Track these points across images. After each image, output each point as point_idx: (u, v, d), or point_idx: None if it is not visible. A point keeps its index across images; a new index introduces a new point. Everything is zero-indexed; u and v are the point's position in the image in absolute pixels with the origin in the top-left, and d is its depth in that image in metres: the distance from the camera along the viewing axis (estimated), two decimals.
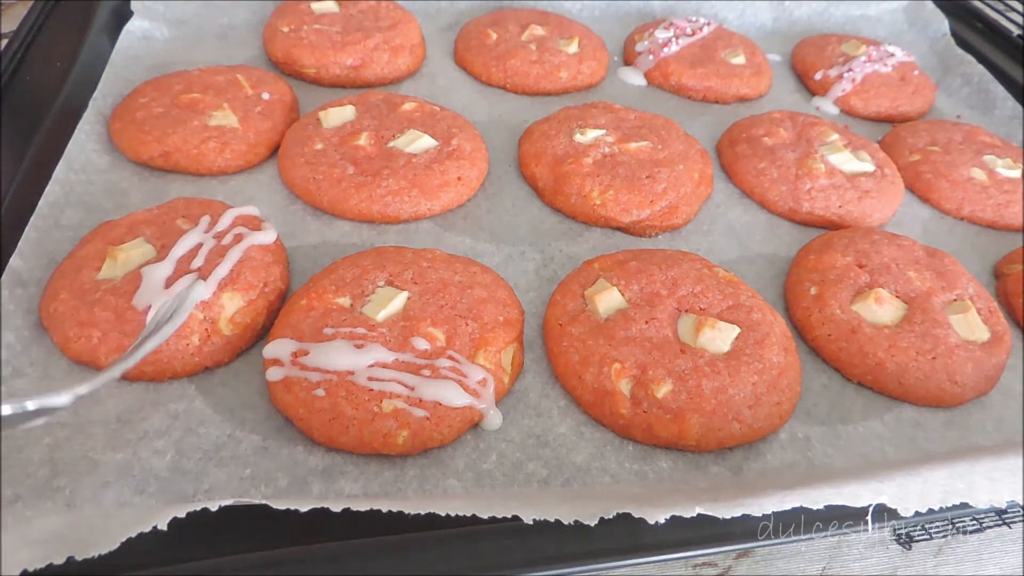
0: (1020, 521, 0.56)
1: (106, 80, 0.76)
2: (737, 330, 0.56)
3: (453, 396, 0.50)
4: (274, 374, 0.51)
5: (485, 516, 0.42)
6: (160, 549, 0.40)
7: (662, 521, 0.42)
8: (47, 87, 0.74)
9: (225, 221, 0.60)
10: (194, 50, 0.87)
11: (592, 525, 0.42)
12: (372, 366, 0.50)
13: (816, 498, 0.44)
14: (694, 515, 0.42)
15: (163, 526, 0.39)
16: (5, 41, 0.80)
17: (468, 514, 0.42)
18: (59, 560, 0.37)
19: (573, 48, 0.93)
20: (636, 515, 0.42)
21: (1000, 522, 0.55)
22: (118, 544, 0.38)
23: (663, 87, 0.95)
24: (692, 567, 0.52)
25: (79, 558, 0.37)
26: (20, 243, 0.57)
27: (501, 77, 0.89)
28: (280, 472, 0.48)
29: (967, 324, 0.62)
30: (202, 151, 0.69)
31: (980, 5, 1.19)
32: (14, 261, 0.56)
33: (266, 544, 0.42)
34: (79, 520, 0.42)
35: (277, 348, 0.52)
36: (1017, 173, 0.84)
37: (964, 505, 0.47)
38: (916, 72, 1.02)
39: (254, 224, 0.61)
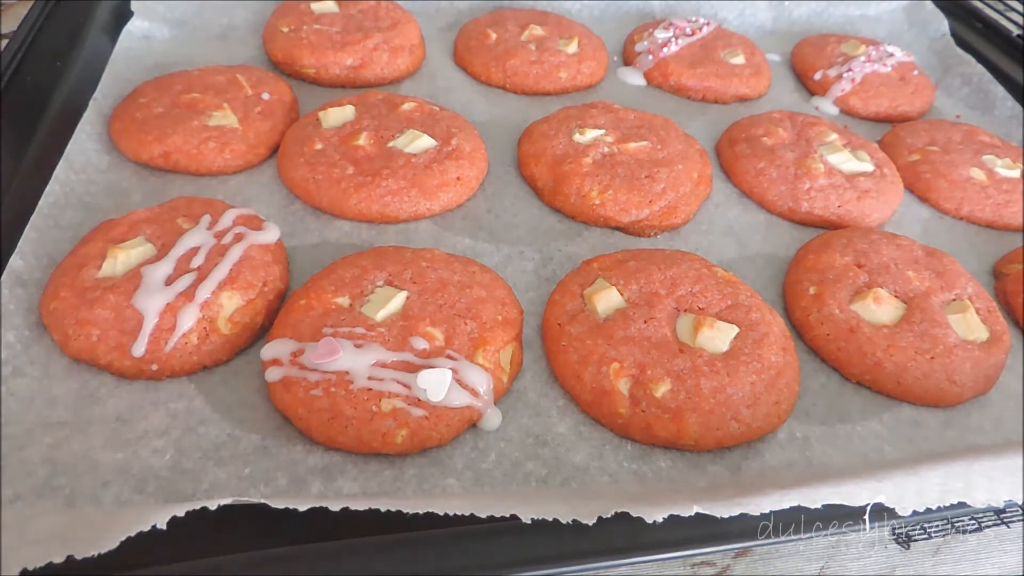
0: (1019, 521, 0.56)
1: (106, 80, 0.76)
2: (736, 330, 0.57)
3: (452, 395, 0.50)
4: (273, 374, 0.51)
5: (483, 515, 0.42)
6: (159, 548, 0.40)
7: (660, 520, 0.42)
8: (47, 87, 0.74)
9: (226, 220, 0.60)
10: (194, 50, 0.87)
11: (590, 524, 0.42)
12: (371, 366, 0.50)
13: (814, 497, 0.44)
14: (692, 514, 0.42)
15: (162, 525, 0.39)
16: (5, 41, 0.80)
17: (467, 513, 0.42)
18: (59, 559, 0.37)
19: (572, 48, 0.93)
20: (634, 514, 0.42)
21: (999, 522, 0.55)
22: (118, 543, 0.38)
23: (662, 87, 0.95)
24: (690, 566, 0.52)
25: (79, 557, 0.37)
26: (20, 243, 0.57)
27: (501, 77, 0.89)
28: (279, 471, 0.48)
29: (966, 324, 0.62)
30: (202, 151, 0.69)
31: (980, 5, 1.19)
32: (14, 260, 0.56)
33: (265, 543, 0.42)
34: (79, 519, 0.42)
35: (276, 348, 0.52)
36: (1016, 173, 0.84)
37: (962, 505, 0.47)
38: (916, 72, 1.02)
39: (255, 224, 0.61)
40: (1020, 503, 0.49)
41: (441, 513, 0.42)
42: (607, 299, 0.58)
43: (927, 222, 0.81)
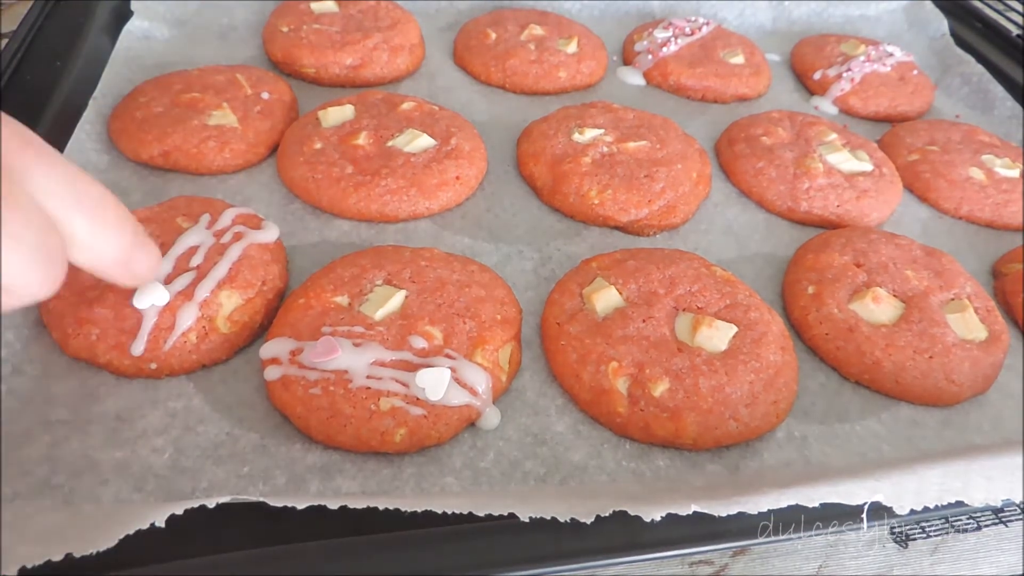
0: (1017, 520, 0.56)
1: (106, 80, 0.76)
2: (734, 329, 0.57)
3: (451, 394, 0.50)
4: (272, 373, 0.51)
5: (482, 514, 0.43)
6: (158, 546, 0.40)
7: (658, 519, 0.42)
8: (47, 87, 0.75)
9: (225, 219, 0.60)
10: (194, 50, 0.87)
11: (588, 523, 0.42)
12: (370, 364, 0.50)
13: (812, 496, 0.44)
14: (690, 513, 0.42)
15: (161, 523, 0.39)
16: (5, 41, 0.80)
17: (465, 512, 0.43)
18: (57, 557, 0.37)
19: (572, 48, 0.93)
20: (632, 513, 0.42)
21: (997, 521, 0.55)
22: (116, 541, 0.38)
23: (662, 87, 0.96)
24: (688, 565, 0.53)
25: (77, 555, 0.37)
26: None
27: (500, 77, 0.89)
28: (278, 470, 0.48)
29: (964, 323, 0.62)
30: (201, 150, 0.69)
31: (979, 5, 1.19)
32: None
33: (263, 541, 0.42)
34: (77, 517, 0.42)
35: (275, 347, 0.52)
36: (1016, 173, 0.84)
37: (961, 504, 0.47)
38: (915, 72, 1.02)
39: (254, 223, 0.61)
40: (1018, 502, 0.49)
41: (439, 512, 0.43)
42: (606, 298, 0.59)
43: (926, 222, 0.81)
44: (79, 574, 0.38)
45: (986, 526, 0.55)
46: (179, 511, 0.40)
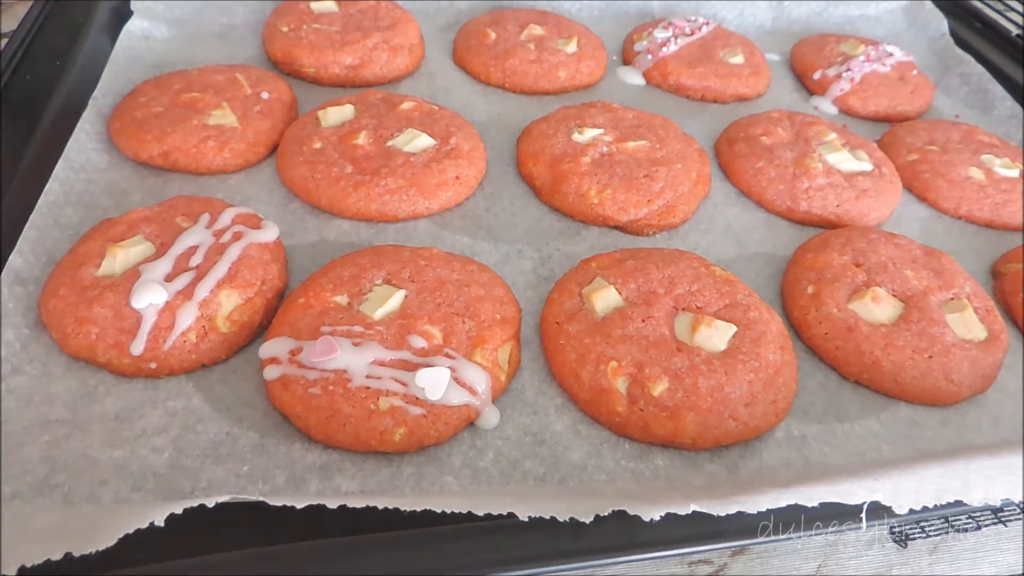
0: (1017, 520, 0.56)
1: (106, 79, 0.76)
2: (734, 328, 0.57)
3: (450, 394, 0.50)
4: (271, 372, 0.51)
5: (481, 513, 0.43)
6: (157, 546, 0.40)
7: (657, 518, 0.42)
8: (47, 87, 0.75)
9: (225, 219, 0.60)
10: (194, 50, 0.87)
11: (588, 522, 0.42)
12: (369, 364, 0.51)
13: (811, 496, 0.44)
14: (689, 512, 0.42)
15: (160, 523, 0.39)
16: (5, 41, 0.80)
17: (464, 511, 0.43)
18: (57, 556, 0.37)
19: (572, 48, 0.93)
20: (631, 512, 0.42)
21: (996, 520, 0.55)
22: (115, 541, 0.38)
23: (662, 87, 0.96)
24: (688, 564, 0.53)
25: (77, 554, 0.37)
26: (20, 241, 0.58)
27: (500, 76, 0.89)
28: (277, 469, 0.48)
29: (964, 323, 0.62)
30: (201, 150, 0.69)
31: (979, 5, 1.19)
32: (13, 259, 0.56)
33: (263, 541, 0.42)
34: (77, 517, 0.42)
35: (274, 346, 0.52)
36: (1015, 172, 0.84)
37: (960, 503, 0.47)
38: (915, 72, 1.02)
39: (253, 222, 0.61)
40: (1017, 502, 0.49)
41: (439, 511, 0.43)
42: (605, 298, 0.59)
43: (925, 221, 0.81)
44: (79, 574, 0.38)
45: (985, 526, 0.55)
46: (178, 510, 0.40)
